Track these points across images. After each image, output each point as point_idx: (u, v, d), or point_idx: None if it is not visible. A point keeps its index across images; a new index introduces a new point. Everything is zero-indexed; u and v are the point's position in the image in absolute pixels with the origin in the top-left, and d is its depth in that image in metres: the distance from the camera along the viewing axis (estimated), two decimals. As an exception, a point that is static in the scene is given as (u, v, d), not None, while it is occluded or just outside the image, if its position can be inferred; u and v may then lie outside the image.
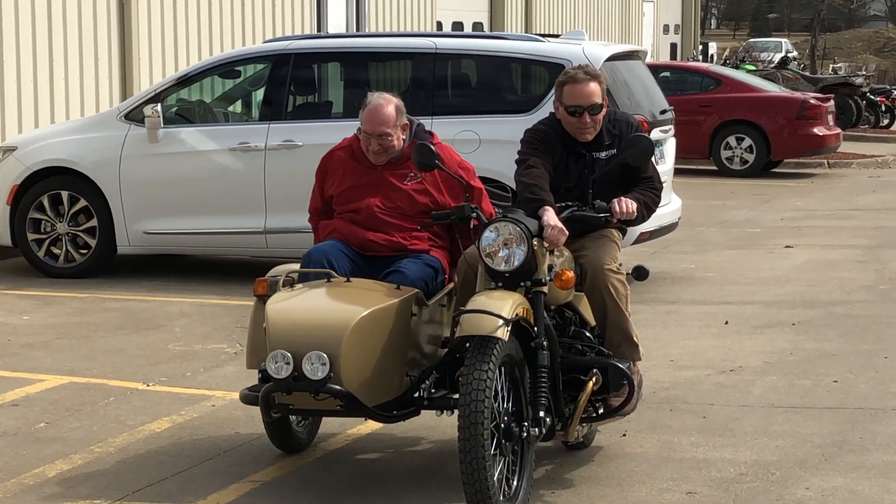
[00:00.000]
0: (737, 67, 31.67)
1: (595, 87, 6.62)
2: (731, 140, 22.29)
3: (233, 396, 7.59)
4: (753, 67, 33.88)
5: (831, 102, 23.14)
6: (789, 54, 47.28)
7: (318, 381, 5.92)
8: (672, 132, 12.54)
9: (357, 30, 21.70)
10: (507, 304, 5.83)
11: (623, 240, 6.90)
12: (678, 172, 14.45)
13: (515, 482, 5.97)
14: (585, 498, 6.34)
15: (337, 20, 21.49)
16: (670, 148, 12.48)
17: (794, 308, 10.90)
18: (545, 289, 6.12)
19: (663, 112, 12.35)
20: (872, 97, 31.12)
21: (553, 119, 6.75)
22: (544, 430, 6.04)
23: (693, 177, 20.98)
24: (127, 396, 8.06)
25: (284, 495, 6.37)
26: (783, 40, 61.89)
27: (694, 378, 8.58)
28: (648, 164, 6.68)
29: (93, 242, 12.02)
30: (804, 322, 10.35)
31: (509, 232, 6.04)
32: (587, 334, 6.50)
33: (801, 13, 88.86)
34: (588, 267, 6.51)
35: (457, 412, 5.75)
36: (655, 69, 18.91)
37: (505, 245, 6.04)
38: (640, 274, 6.67)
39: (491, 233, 6.06)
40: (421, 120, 7.19)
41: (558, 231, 6.18)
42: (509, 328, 5.78)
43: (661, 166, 11.02)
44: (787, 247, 14.28)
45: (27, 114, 15.18)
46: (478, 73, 12.13)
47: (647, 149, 6.52)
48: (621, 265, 6.64)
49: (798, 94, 23.39)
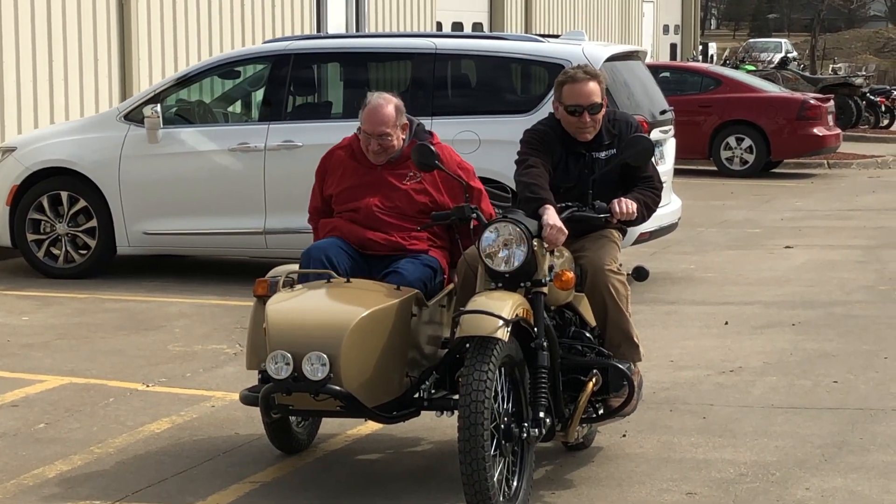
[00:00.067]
0: (736, 68, 31.65)
1: (594, 86, 6.62)
2: (731, 140, 22.29)
3: (233, 397, 7.59)
4: (753, 68, 33.87)
5: (831, 103, 23.13)
6: (789, 54, 47.27)
7: (317, 381, 5.92)
8: (672, 132, 12.53)
9: (357, 30, 21.70)
10: (507, 304, 5.83)
11: (623, 240, 6.89)
12: (678, 173, 14.44)
13: (515, 483, 5.96)
14: (585, 498, 6.34)
15: (337, 20, 21.49)
16: (670, 148, 12.47)
17: (794, 308, 10.90)
18: (545, 289, 6.11)
19: (663, 112, 12.34)
20: (872, 97, 31.12)
21: (552, 119, 6.75)
22: (544, 431, 6.03)
23: (693, 177, 20.97)
24: (126, 397, 8.06)
25: (284, 496, 6.36)
26: (783, 40, 61.88)
27: (694, 378, 8.58)
28: (648, 164, 6.68)
29: (92, 243, 12.01)
30: (804, 322, 10.34)
31: (509, 232, 6.04)
32: (587, 335, 6.49)
33: (800, 13, 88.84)
34: (588, 267, 6.51)
35: (457, 413, 5.75)
36: (655, 69, 18.89)
37: (505, 246, 6.03)
38: (639, 274, 6.66)
39: (491, 233, 6.06)
40: (421, 120, 7.18)
41: (557, 231, 6.18)
42: (509, 329, 5.78)
43: (661, 167, 11.01)
44: (786, 247, 14.28)
45: (27, 114, 15.18)
46: (477, 73, 12.12)
47: (647, 149, 6.51)
48: (621, 265, 6.63)
49: (798, 95, 23.39)
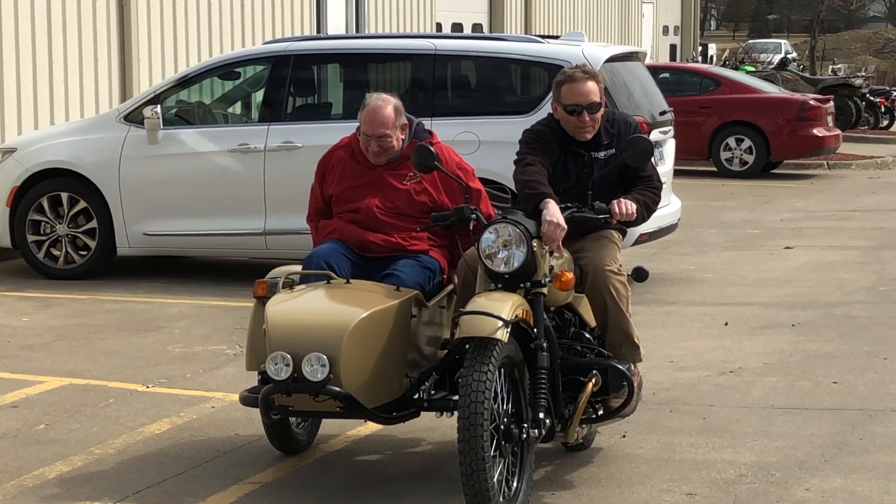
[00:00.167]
0: (736, 68, 31.66)
1: (593, 85, 6.62)
2: (731, 141, 22.30)
3: (232, 398, 7.59)
4: (753, 68, 33.87)
5: (831, 103, 23.14)
6: (789, 55, 47.23)
7: (317, 382, 5.92)
8: (671, 133, 12.53)
9: (357, 31, 21.70)
10: (507, 305, 5.83)
11: (623, 241, 6.89)
12: (678, 174, 14.44)
13: (515, 483, 5.96)
14: (585, 499, 6.34)
15: (336, 21, 21.49)
16: (670, 149, 12.47)
17: (794, 309, 10.90)
18: (545, 290, 6.12)
19: (663, 113, 12.34)
20: (872, 98, 31.13)
21: (551, 119, 6.75)
22: (544, 432, 6.04)
23: (692, 178, 20.97)
24: (126, 398, 8.06)
25: (284, 497, 6.37)
26: (783, 41, 61.84)
27: (693, 379, 8.58)
28: (647, 164, 6.68)
29: (92, 244, 12.01)
30: (804, 323, 10.34)
31: (509, 233, 6.03)
32: (587, 335, 6.49)
33: (800, 14, 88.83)
34: (588, 268, 6.50)
35: (456, 414, 5.75)
36: (655, 70, 18.90)
37: (504, 246, 6.03)
38: (639, 275, 6.66)
39: (490, 234, 6.05)
40: (420, 121, 7.18)
41: (555, 226, 6.17)
42: (509, 329, 5.78)
43: (661, 168, 11.01)
44: (786, 248, 14.28)
45: (27, 115, 15.18)
46: (477, 74, 12.12)
47: (647, 150, 6.51)
48: (622, 266, 6.64)
49: (797, 96, 23.39)
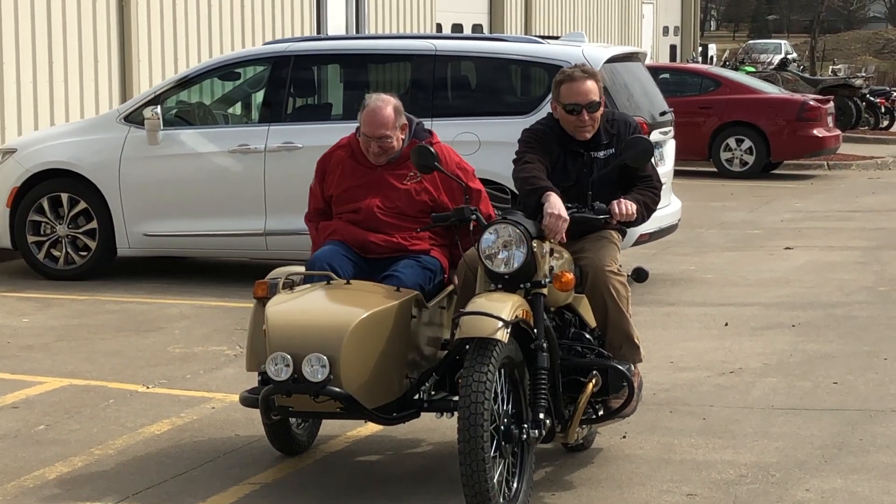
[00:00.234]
0: (736, 69, 31.65)
1: (592, 84, 6.62)
2: (731, 142, 22.29)
3: (232, 399, 7.58)
4: (753, 69, 33.85)
5: (831, 104, 23.14)
6: (789, 56, 47.25)
7: (317, 383, 5.92)
8: (672, 134, 12.53)
9: (357, 31, 21.70)
10: (507, 305, 5.83)
11: (623, 241, 6.89)
12: (678, 174, 14.43)
13: (515, 484, 5.96)
14: (585, 500, 6.34)
15: (337, 22, 21.49)
16: (670, 150, 12.47)
17: (794, 310, 10.89)
18: (545, 290, 6.11)
19: (663, 114, 12.34)
20: (872, 99, 31.13)
21: (551, 119, 6.75)
22: (544, 432, 6.04)
23: (693, 178, 20.97)
24: (127, 398, 8.06)
25: (284, 497, 6.36)
26: (783, 42, 61.87)
27: (694, 380, 8.58)
28: (647, 164, 6.68)
29: (92, 244, 12.01)
30: (804, 323, 10.34)
31: (509, 234, 6.03)
32: (587, 336, 6.49)
33: (800, 15, 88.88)
34: (589, 269, 6.50)
35: (456, 414, 5.75)
36: (655, 71, 18.89)
37: (504, 247, 6.03)
38: (639, 275, 6.66)
39: (490, 234, 6.05)
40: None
41: (557, 218, 6.17)
42: (509, 330, 5.78)
43: (661, 168, 11.02)
44: (786, 248, 14.28)
45: (27, 116, 15.18)
46: (477, 74, 12.12)
47: (646, 150, 6.51)
48: (622, 266, 6.64)
49: (798, 96, 23.39)
